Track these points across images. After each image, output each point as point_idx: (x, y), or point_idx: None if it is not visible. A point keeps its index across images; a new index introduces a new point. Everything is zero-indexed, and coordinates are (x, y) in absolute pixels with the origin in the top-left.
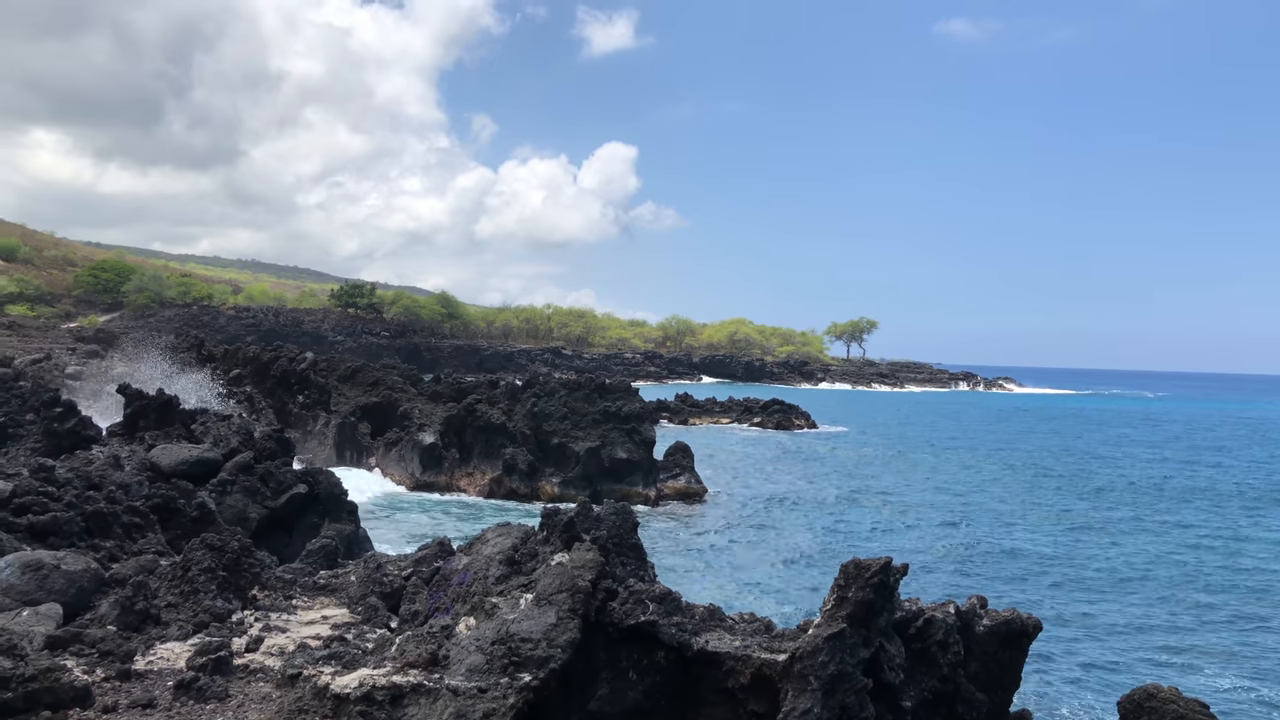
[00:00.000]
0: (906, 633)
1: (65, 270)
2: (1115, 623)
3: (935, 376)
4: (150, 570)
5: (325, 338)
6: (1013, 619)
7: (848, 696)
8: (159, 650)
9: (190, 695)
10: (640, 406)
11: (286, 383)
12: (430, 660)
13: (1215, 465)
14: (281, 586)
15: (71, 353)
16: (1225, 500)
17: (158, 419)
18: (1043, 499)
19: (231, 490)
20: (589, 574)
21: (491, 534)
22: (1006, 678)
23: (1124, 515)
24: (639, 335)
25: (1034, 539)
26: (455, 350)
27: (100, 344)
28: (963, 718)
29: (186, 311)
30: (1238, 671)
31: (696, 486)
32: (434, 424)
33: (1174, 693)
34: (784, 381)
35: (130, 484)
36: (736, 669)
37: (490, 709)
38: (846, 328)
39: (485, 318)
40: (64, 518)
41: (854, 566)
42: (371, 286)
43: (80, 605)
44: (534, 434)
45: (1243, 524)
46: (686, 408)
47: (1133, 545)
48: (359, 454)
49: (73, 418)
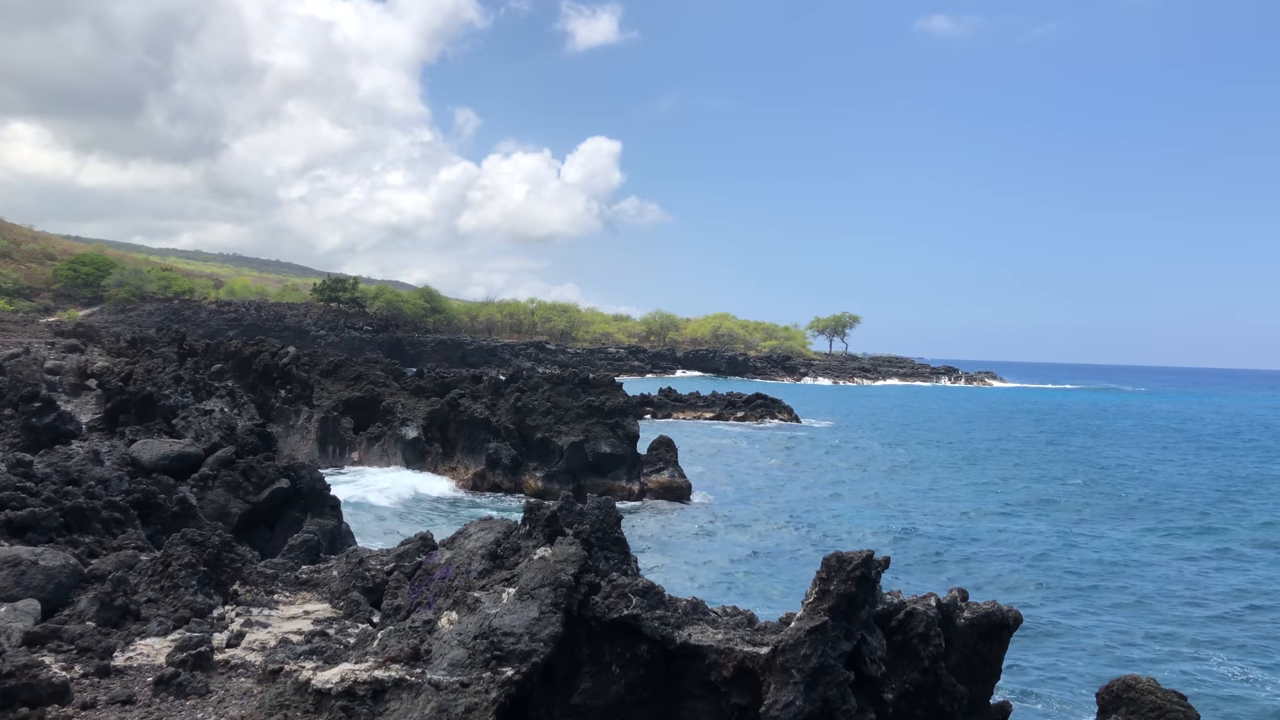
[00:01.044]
0: (888, 625)
1: (44, 264)
2: (1094, 614)
3: (917, 371)
4: (130, 566)
5: (308, 332)
6: (993, 611)
7: (830, 689)
8: (139, 646)
9: (170, 691)
10: (624, 401)
11: (268, 377)
12: (412, 655)
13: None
14: (263, 582)
15: (50, 347)
16: (1206, 498)
17: (138, 413)
18: (1022, 491)
19: (213, 485)
20: (572, 568)
21: (474, 528)
22: (987, 670)
23: (1110, 508)
24: (623, 330)
25: (1015, 531)
26: (438, 345)
27: (80, 338)
28: (944, 710)
29: (167, 306)
30: (1214, 663)
31: (680, 481)
32: (417, 419)
33: (1152, 683)
34: (767, 376)
35: (110, 479)
36: (719, 662)
37: (472, 703)
38: (829, 322)
39: (468, 312)
40: (42, 513)
41: (836, 560)
42: (354, 281)
43: (59, 601)
44: (517, 428)
45: (1224, 519)
46: (670, 402)
47: (1115, 538)
48: (341, 449)
49: (51, 412)
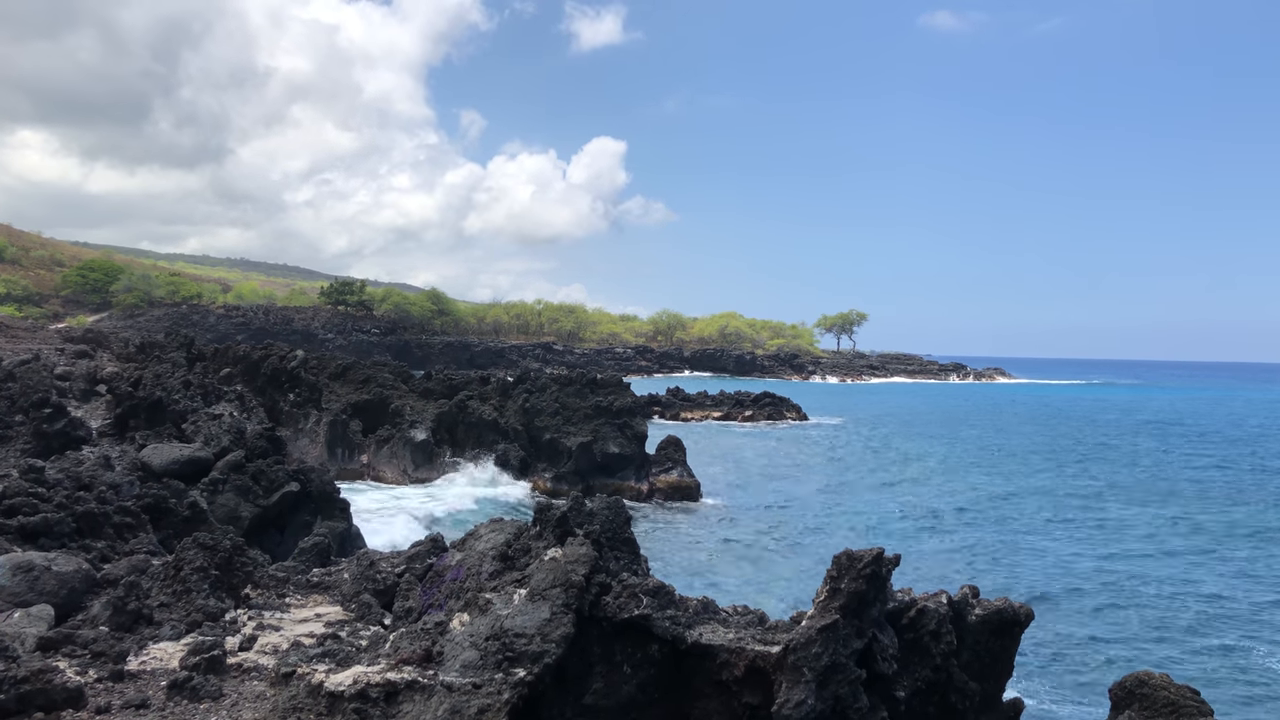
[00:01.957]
0: (899, 623)
1: (53, 270)
2: (1108, 610)
3: (925, 368)
4: (142, 570)
5: (315, 335)
6: (1005, 608)
7: (841, 687)
8: (152, 650)
9: (184, 695)
10: (632, 401)
11: (277, 381)
12: (424, 657)
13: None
14: (274, 585)
15: (60, 353)
16: (1215, 494)
17: (148, 418)
18: (1031, 486)
19: (223, 489)
20: (582, 568)
21: (484, 529)
22: (999, 667)
23: (1122, 505)
24: (630, 330)
25: (1024, 528)
26: (446, 347)
27: (89, 344)
28: (955, 707)
29: (176, 311)
30: (1229, 659)
31: (689, 480)
32: (426, 421)
33: (1165, 679)
34: (775, 375)
35: (121, 484)
36: (730, 661)
37: (485, 705)
38: (836, 320)
39: (475, 314)
40: (55, 519)
41: (846, 557)
42: (361, 284)
43: (72, 606)
44: (526, 429)
45: (1238, 516)
46: (678, 401)
47: (1127, 536)
48: (350, 451)
49: (62, 419)
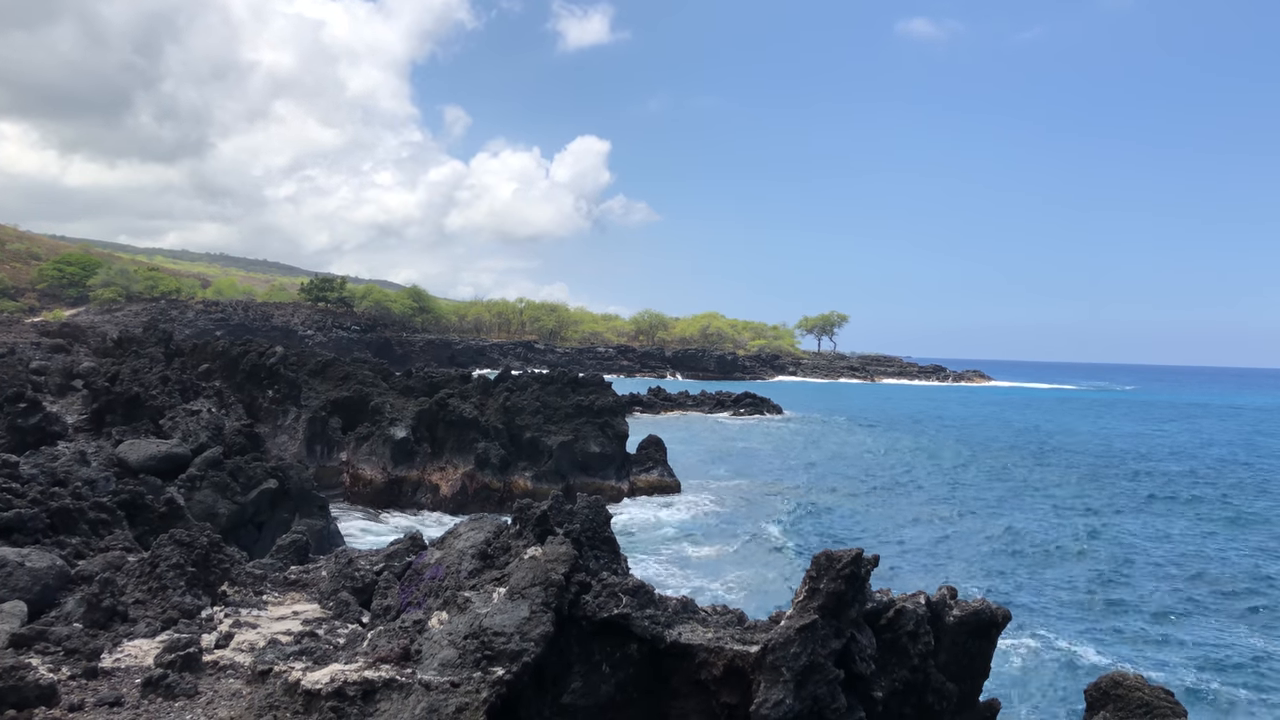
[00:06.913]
0: (878, 623)
1: (29, 264)
2: (1084, 609)
3: (905, 370)
4: (117, 567)
5: (295, 332)
6: (982, 609)
7: (819, 687)
8: (126, 647)
9: (159, 693)
10: (613, 400)
11: (256, 377)
12: (402, 655)
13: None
14: (252, 582)
15: (36, 347)
16: (1206, 495)
17: (125, 414)
18: (1011, 486)
19: (201, 486)
20: (562, 567)
21: (464, 528)
22: (976, 667)
23: (1098, 503)
24: (611, 329)
25: (1004, 527)
26: (427, 344)
27: (66, 338)
28: (933, 708)
29: (154, 306)
30: (1202, 660)
31: (669, 480)
32: (405, 418)
33: (1139, 680)
34: (756, 375)
35: (97, 480)
36: (709, 661)
37: (463, 703)
38: (817, 321)
39: (457, 311)
40: (28, 514)
41: (825, 558)
42: (341, 280)
43: (45, 603)
44: (506, 428)
45: (1224, 514)
46: (659, 401)
47: (1108, 534)
48: (330, 449)
49: (37, 413)
